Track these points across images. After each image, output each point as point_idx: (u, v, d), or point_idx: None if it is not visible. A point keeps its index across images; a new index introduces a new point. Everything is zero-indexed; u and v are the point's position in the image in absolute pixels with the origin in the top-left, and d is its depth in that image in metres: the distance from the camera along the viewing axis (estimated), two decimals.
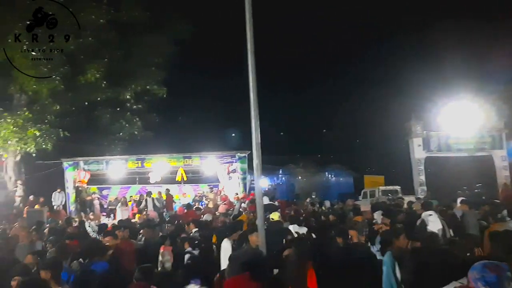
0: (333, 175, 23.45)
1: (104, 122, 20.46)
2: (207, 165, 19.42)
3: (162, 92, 20.08)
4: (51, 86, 16.33)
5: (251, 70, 5.21)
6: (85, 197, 19.00)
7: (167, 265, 4.94)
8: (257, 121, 5.16)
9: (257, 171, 5.11)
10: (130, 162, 19.26)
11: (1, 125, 15.73)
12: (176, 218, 12.92)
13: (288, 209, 13.00)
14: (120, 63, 18.88)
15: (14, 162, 17.71)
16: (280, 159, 21.81)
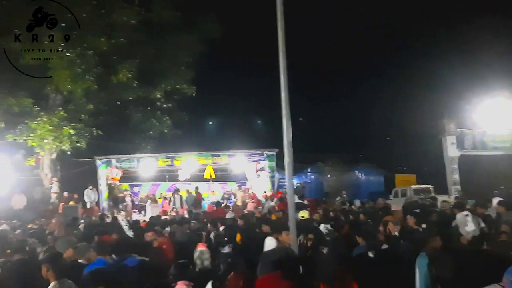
0: (363, 174, 23.07)
1: (135, 121, 20.86)
2: (235, 163, 19.54)
3: (192, 91, 20.30)
4: (85, 86, 16.77)
5: (282, 69, 5.19)
6: (117, 194, 19.52)
7: (206, 263, 4.99)
8: (289, 120, 5.15)
9: (289, 170, 5.09)
10: (160, 160, 19.64)
11: (38, 124, 16.28)
12: (206, 215, 13.05)
13: (317, 208, 12.91)
14: (151, 63, 19.18)
15: (50, 160, 18.31)
16: (309, 157, 21.65)
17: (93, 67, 16.81)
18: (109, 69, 17.71)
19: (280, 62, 5.18)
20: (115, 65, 17.67)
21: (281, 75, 5.17)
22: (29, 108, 16.71)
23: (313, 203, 13.66)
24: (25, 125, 16.32)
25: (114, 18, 17.56)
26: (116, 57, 17.76)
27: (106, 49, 17.13)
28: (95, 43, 16.78)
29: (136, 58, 18.03)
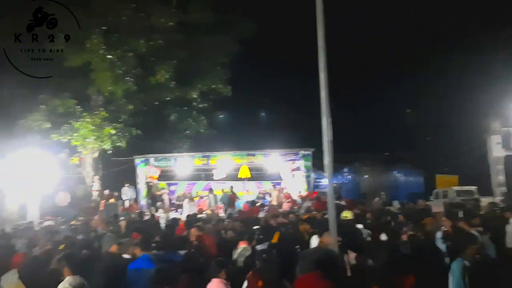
0: (401, 174, 22.43)
1: (172, 121, 21.27)
2: (271, 163, 19.50)
3: (227, 90, 20.47)
4: (125, 87, 17.27)
5: (322, 67, 5.12)
6: (155, 192, 19.94)
7: (249, 261, 5.01)
8: (329, 118, 5.07)
9: (329, 169, 5.02)
10: (196, 159, 19.90)
11: (81, 124, 16.91)
12: (241, 215, 13.11)
13: (355, 208, 12.68)
14: (187, 64, 19.49)
15: (92, 159, 18.95)
16: (345, 157, 21.28)
17: (132, 69, 17.28)
18: (147, 70, 18.14)
19: (320, 60, 5.11)
20: (154, 66, 18.08)
21: (321, 73, 5.10)
22: (72, 108, 17.39)
23: (350, 204, 13.42)
24: (69, 125, 16.99)
25: (153, 20, 17.97)
26: (154, 58, 18.18)
27: (145, 50, 17.58)
28: (135, 45, 17.24)
29: (174, 59, 18.37)
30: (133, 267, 4.88)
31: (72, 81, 18.02)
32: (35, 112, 16.67)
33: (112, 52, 16.67)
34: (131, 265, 4.93)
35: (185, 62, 19.31)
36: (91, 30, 16.56)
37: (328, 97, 5.11)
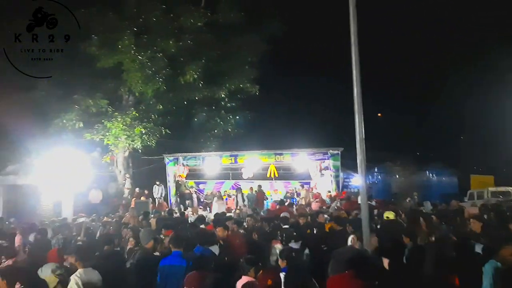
0: (434, 174, 21.78)
1: (201, 120, 21.45)
2: (299, 162, 19.36)
3: (255, 90, 20.46)
4: (155, 87, 17.54)
5: (354, 64, 5.03)
6: (184, 191, 20.17)
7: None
8: (361, 116, 4.98)
9: (361, 167, 4.93)
10: (224, 158, 19.99)
11: (112, 123, 17.30)
12: (269, 214, 13.07)
13: (386, 209, 12.43)
14: (216, 63, 19.62)
15: (123, 157, 19.36)
16: (376, 156, 20.90)
17: (162, 69, 17.53)
18: (176, 71, 18.36)
19: (353, 56, 5.02)
20: (183, 66, 18.27)
21: (354, 70, 5.01)
22: (104, 108, 17.81)
23: (381, 204, 13.19)
24: (101, 125, 17.42)
25: (182, 21, 18.18)
26: (183, 58, 18.37)
27: (174, 51, 17.78)
28: (164, 45, 17.49)
29: (202, 59, 18.51)
30: (165, 263, 4.94)
31: (105, 81, 18.50)
32: (69, 112, 17.15)
33: (142, 53, 16.96)
34: (163, 261, 4.99)
35: (213, 62, 19.44)
36: (122, 32, 16.93)
37: (361, 94, 5.01)
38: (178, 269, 4.83)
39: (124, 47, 16.74)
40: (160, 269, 4.91)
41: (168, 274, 4.87)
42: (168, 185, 19.77)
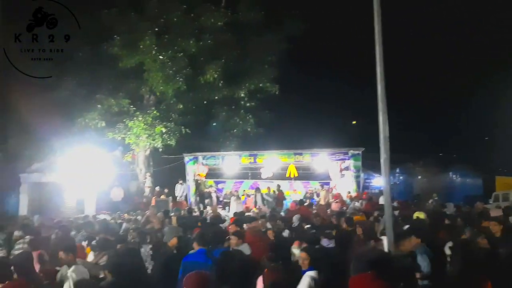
0: (458, 176, 21.28)
1: (220, 120, 21.49)
2: (319, 162, 19.21)
3: (274, 89, 20.38)
4: (176, 86, 17.69)
5: (378, 61, 4.93)
6: (203, 190, 20.28)
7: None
8: (385, 114, 4.88)
9: (385, 167, 4.82)
10: (244, 158, 20.00)
11: (134, 123, 17.54)
12: (289, 214, 12.99)
13: (408, 210, 12.22)
14: (235, 63, 19.64)
15: (144, 156, 19.60)
16: (397, 157, 20.54)
17: (182, 69, 17.66)
18: (197, 70, 18.46)
19: (377, 54, 4.93)
20: (203, 66, 18.36)
21: (378, 67, 4.92)
22: (126, 108, 18.07)
23: (402, 205, 12.96)
24: (122, 124, 17.67)
25: (202, 21, 18.28)
26: (203, 58, 18.46)
27: (195, 51, 17.89)
28: (185, 45, 17.62)
29: (222, 58, 18.56)
30: (189, 259, 4.96)
31: (126, 81, 18.76)
32: (92, 111, 17.46)
33: (163, 53, 17.14)
34: (188, 257, 5.00)
35: (233, 61, 19.46)
36: (144, 32, 17.14)
37: (385, 92, 4.92)
38: (203, 267, 4.82)
39: (145, 47, 16.96)
40: (183, 265, 4.90)
41: (192, 270, 4.87)
42: (188, 184, 19.92)
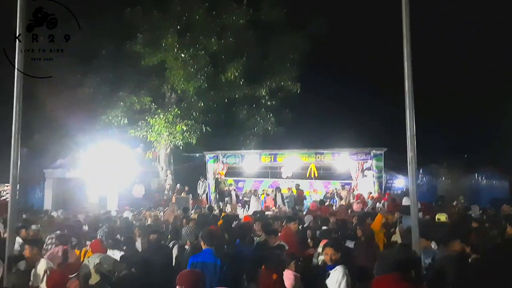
0: (483, 178, 20.69)
1: (241, 118, 21.49)
2: (340, 162, 18.99)
3: (296, 88, 20.26)
4: (197, 84, 17.77)
5: (406, 56, 4.78)
6: (223, 188, 20.31)
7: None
8: (412, 111, 4.72)
9: (411, 165, 4.67)
10: (264, 157, 19.93)
11: (155, 120, 17.71)
12: (310, 214, 12.87)
13: (431, 211, 11.93)
14: (257, 61, 19.60)
15: (165, 154, 19.78)
16: (421, 158, 20.13)
17: (204, 67, 17.74)
18: (218, 68, 18.51)
19: (404, 49, 4.78)
20: (224, 64, 18.39)
21: (405, 62, 4.77)
22: (148, 105, 18.26)
23: (426, 207, 12.66)
24: (144, 121, 17.87)
25: (224, 19, 18.30)
26: (224, 56, 18.48)
27: (216, 49, 17.93)
28: (206, 43, 17.68)
29: (243, 57, 18.54)
30: (197, 260, 4.94)
31: (148, 79, 18.96)
32: (115, 109, 17.71)
33: (185, 51, 17.24)
34: (195, 258, 4.98)
35: (255, 60, 19.43)
36: (166, 30, 17.28)
37: (412, 89, 4.76)
38: (212, 267, 4.81)
39: (167, 45, 17.10)
40: (191, 266, 4.88)
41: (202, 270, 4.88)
42: (208, 182, 19.99)
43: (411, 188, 4.74)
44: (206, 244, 5.08)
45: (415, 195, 4.74)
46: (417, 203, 4.89)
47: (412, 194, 4.74)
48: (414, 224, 4.71)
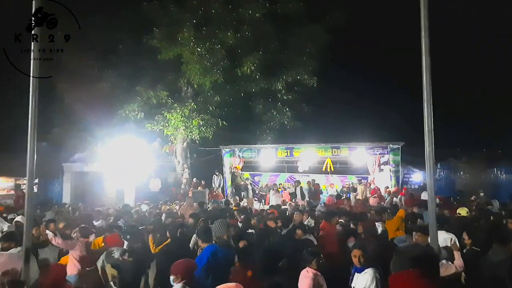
0: (503, 172, 20.21)
1: (257, 112, 21.42)
2: (356, 156, 18.81)
3: (313, 81, 20.08)
4: (213, 79, 17.76)
5: (424, 49, 4.68)
6: (239, 182, 20.38)
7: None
8: (430, 105, 4.63)
9: (429, 160, 4.59)
10: (280, 151, 19.92)
11: (172, 115, 17.81)
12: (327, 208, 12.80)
13: (449, 207, 11.73)
14: (273, 55, 19.46)
15: (182, 148, 19.90)
16: (439, 152, 19.78)
17: (220, 61, 17.71)
18: (234, 62, 18.46)
19: (422, 41, 4.68)
20: (240, 58, 18.33)
21: (423, 56, 4.67)
22: (164, 100, 18.36)
23: (444, 202, 12.46)
24: (161, 116, 17.99)
25: (241, 12, 18.20)
26: (241, 50, 18.41)
27: (232, 43, 17.87)
28: (223, 37, 17.63)
29: (260, 50, 18.45)
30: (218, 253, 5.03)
31: (165, 73, 19.06)
32: (132, 103, 17.88)
33: (201, 45, 17.25)
34: (215, 250, 5.07)
35: (271, 53, 19.30)
36: (182, 24, 17.32)
37: (430, 82, 4.66)
38: (226, 261, 4.91)
39: (183, 39, 17.13)
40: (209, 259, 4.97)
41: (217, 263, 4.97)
42: (224, 176, 20.09)
43: (429, 184, 4.67)
44: (204, 241, 5.13)
45: (433, 190, 4.66)
46: (435, 199, 4.82)
47: (429, 190, 4.66)
48: (432, 220, 4.64)
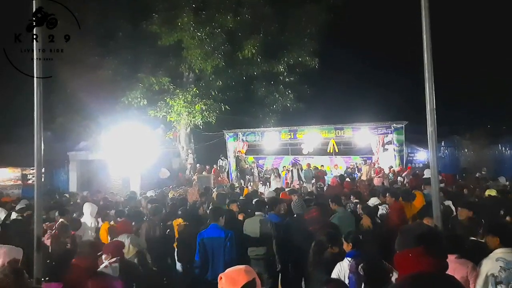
0: (508, 148, 20.15)
1: (259, 95, 21.35)
2: (360, 137, 18.84)
3: (314, 63, 19.93)
4: (214, 63, 17.66)
5: (425, 26, 4.63)
6: (243, 166, 20.48)
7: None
8: (432, 84, 4.61)
9: (432, 139, 4.59)
10: (283, 134, 19.94)
11: (174, 100, 17.80)
12: (329, 190, 12.86)
13: (453, 184, 11.80)
14: (274, 37, 19.28)
15: (185, 134, 19.92)
16: (442, 130, 19.75)
17: (221, 45, 17.59)
18: (235, 46, 18.32)
19: (423, 19, 4.63)
20: (241, 41, 18.19)
21: (424, 34, 4.62)
22: (166, 86, 18.31)
23: (449, 179, 12.52)
24: (163, 102, 17.99)
25: None
26: (241, 33, 18.26)
27: (233, 26, 17.71)
28: (222, 21, 17.47)
29: (260, 33, 18.29)
30: (205, 236, 5.19)
31: (166, 59, 18.96)
32: (134, 90, 17.85)
33: (201, 30, 17.10)
34: (203, 234, 5.22)
35: (272, 36, 19.11)
36: (182, 9, 17.15)
37: (431, 61, 4.64)
38: (219, 241, 5.06)
39: (183, 24, 16.99)
40: (200, 242, 5.14)
41: (209, 245, 5.11)
42: (229, 161, 20.17)
43: (432, 163, 4.70)
44: (213, 219, 5.34)
45: (435, 170, 4.68)
46: (438, 178, 4.84)
47: (432, 169, 4.69)
48: (435, 198, 4.69)
